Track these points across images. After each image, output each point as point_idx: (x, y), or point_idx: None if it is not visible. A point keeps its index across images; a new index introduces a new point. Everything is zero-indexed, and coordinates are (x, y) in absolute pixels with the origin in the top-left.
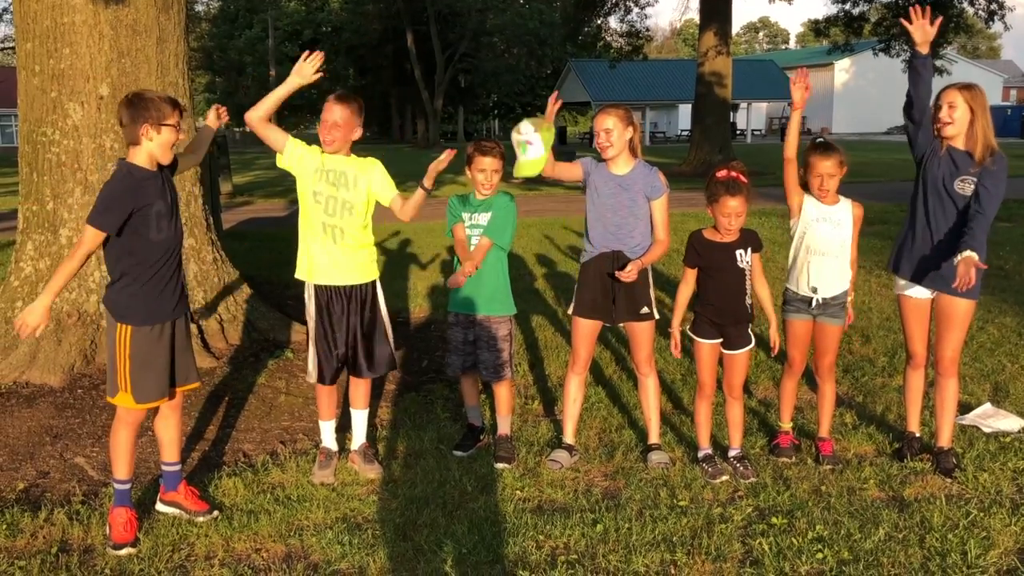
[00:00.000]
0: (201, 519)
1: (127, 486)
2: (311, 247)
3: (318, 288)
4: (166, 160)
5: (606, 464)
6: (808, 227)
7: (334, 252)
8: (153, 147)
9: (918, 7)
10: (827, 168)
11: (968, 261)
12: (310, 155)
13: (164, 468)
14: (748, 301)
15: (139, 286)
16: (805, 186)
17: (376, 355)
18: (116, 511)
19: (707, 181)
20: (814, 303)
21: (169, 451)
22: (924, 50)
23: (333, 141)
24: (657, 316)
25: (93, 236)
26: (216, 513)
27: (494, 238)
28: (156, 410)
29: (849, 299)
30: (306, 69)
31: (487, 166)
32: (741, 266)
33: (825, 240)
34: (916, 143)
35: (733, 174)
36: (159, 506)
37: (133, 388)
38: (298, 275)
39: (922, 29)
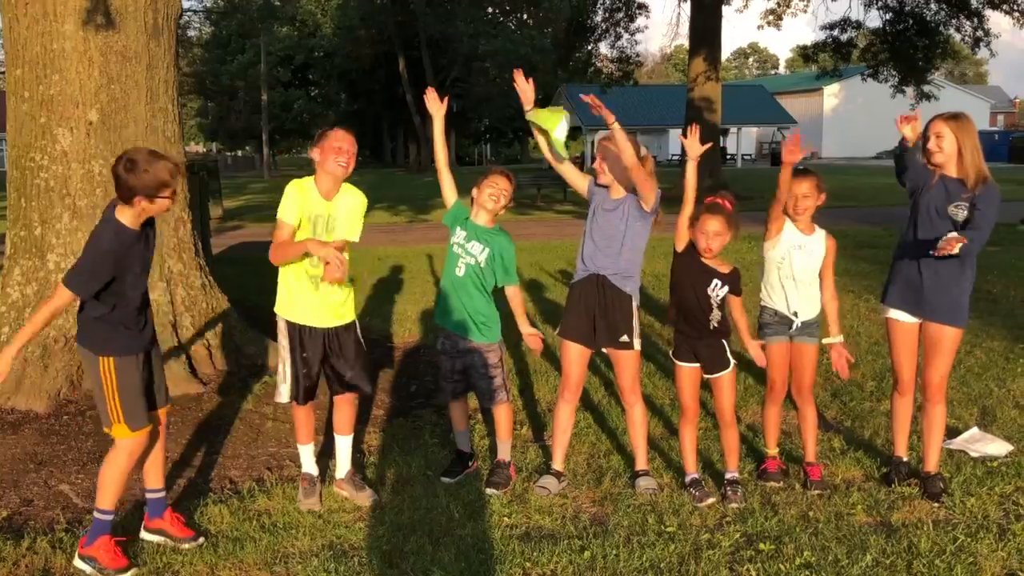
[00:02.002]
0: (186, 546)
1: (110, 517)
2: (294, 290)
3: (291, 324)
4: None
5: (594, 490)
6: (786, 254)
7: (317, 297)
8: (143, 212)
9: (902, 116)
10: (801, 189)
11: (955, 236)
12: (305, 203)
13: (148, 495)
14: (713, 323)
15: (111, 324)
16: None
17: (354, 371)
18: (100, 540)
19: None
20: (794, 326)
21: (153, 477)
22: (911, 144)
23: (348, 163)
24: (637, 347)
25: (67, 298)
26: (201, 540)
27: (506, 280)
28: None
29: (839, 340)
30: None
31: (499, 183)
32: (708, 291)
33: (801, 268)
34: (907, 181)
35: (718, 199)
36: (144, 534)
37: (126, 417)
38: (276, 310)
39: (912, 128)
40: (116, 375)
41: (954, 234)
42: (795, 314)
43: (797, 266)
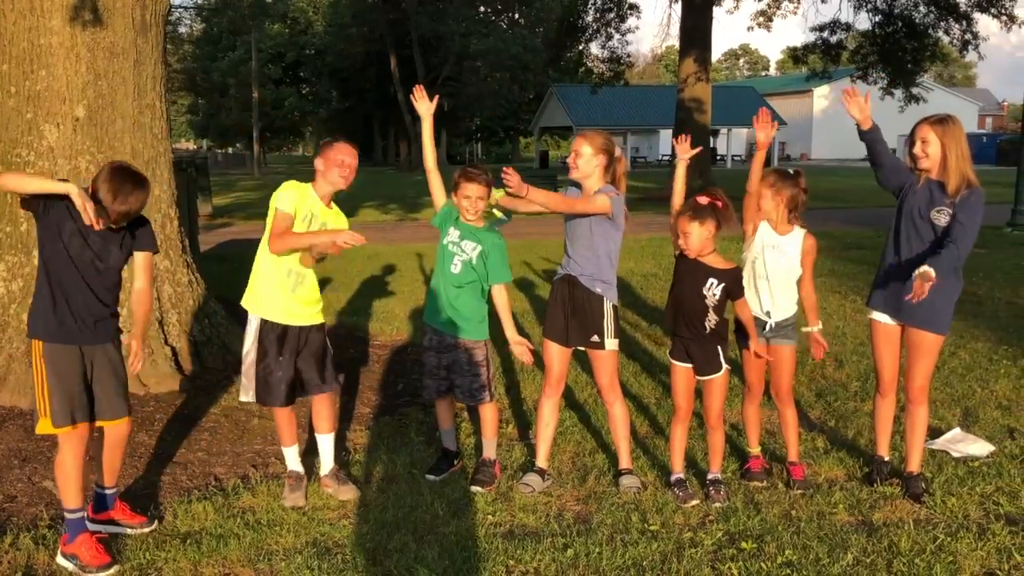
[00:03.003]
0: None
1: (80, 514)
2: (268, 287)
3: (264, 322)
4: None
5: (578, 488)
6: (759, 253)
7: (289, 298)
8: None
9: (847, 89)
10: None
11: (924, 275)
12: (302, 203)
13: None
14: (709, 326)
15: (48, 300)
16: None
17: (321, 374)
18: (80, 537)
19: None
20: (768, 327)
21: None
22: (866, 126)
23: (350, 177)
24: (611, 347)
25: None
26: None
27: (500, 279)
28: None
29: (817, 328)
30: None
31: (472, 192)
32: (703, 291)
33: (774, 268)
34: (885, 181)
35: (700, 197)
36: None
37: (51, 411)
38: (244, 303)
39: (857, 106)
40: (44, 360)
41: (925, 268)
42: (767, 314)
43: (770, 266)
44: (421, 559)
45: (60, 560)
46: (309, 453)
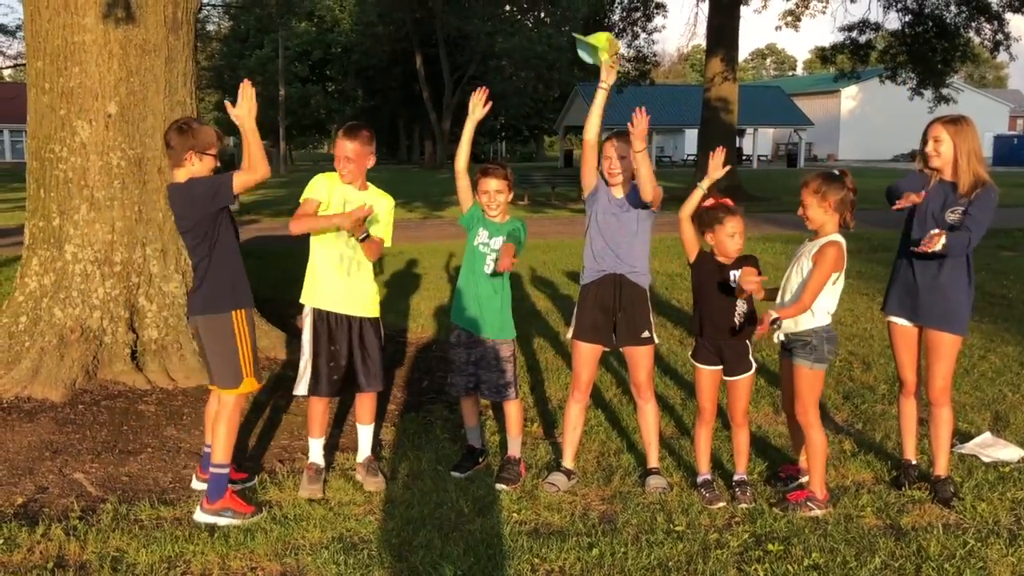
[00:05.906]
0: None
1: (227, 469)
2: (324, 276)
3: (319, 312)
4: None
5: (604, 488)
6: (791, 271)
7: (347, 283)
8: (195, 171)
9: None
10: (803, 196)
11: (938, 234)
12: (334, 190)
13: (206, 450)
14: (738, 320)
15: (231, 269)
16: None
17: (372, 372)
18: (227, 494)
19: (697, 214)
20: (775, 338)
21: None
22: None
23: (348, 173)
24: (657, 340)
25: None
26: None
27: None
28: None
29: (779, 317)
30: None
31: (488, 187)
32: (729, 283)
33: (793, 283)
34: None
35: (722, 200)
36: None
37: (255, 369)
38: (303, 300)
39: (908, 201)
40: (248, 326)
41: (937, 230)
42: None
43: (791, 284)
44: (446, 556)
45: (206, 518)
46: (334, 448)
